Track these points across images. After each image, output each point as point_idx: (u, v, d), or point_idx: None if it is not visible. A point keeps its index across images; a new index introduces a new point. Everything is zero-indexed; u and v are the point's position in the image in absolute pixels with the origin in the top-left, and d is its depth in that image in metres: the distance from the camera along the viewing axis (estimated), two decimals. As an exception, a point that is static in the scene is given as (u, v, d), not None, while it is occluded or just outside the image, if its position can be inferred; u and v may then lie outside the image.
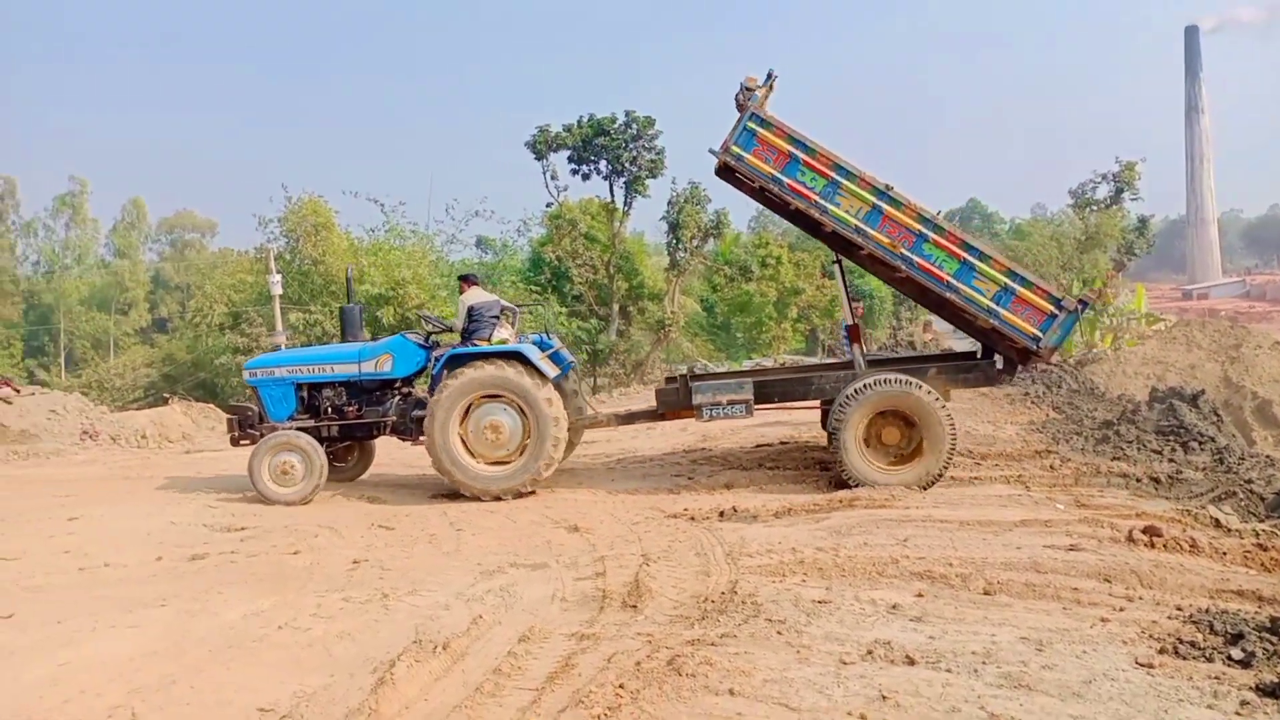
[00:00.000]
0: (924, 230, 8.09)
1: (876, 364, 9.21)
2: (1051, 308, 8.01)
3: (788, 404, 9.19)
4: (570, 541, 6.88)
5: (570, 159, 26.58)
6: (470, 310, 9.06)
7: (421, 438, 8.81)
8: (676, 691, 3.80)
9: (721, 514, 7.37)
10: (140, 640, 4.96)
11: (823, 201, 8.18)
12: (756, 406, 8.68)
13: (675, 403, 8.89)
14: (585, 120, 25.85)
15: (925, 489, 7.89)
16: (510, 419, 8.63)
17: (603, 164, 26.14)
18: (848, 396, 8.10)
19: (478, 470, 8.62)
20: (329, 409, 9.36)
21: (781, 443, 10.69)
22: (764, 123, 8.19)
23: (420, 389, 9.75)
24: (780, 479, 8.77)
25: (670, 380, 10.11)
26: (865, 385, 8.08)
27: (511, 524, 7.60)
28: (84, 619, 5.40)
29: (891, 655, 4.17)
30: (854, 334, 9.12)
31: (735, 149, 8.28)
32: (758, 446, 10.56)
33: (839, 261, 9.24)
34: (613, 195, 27.09)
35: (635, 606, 5.13)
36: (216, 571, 6.41)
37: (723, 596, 5.19)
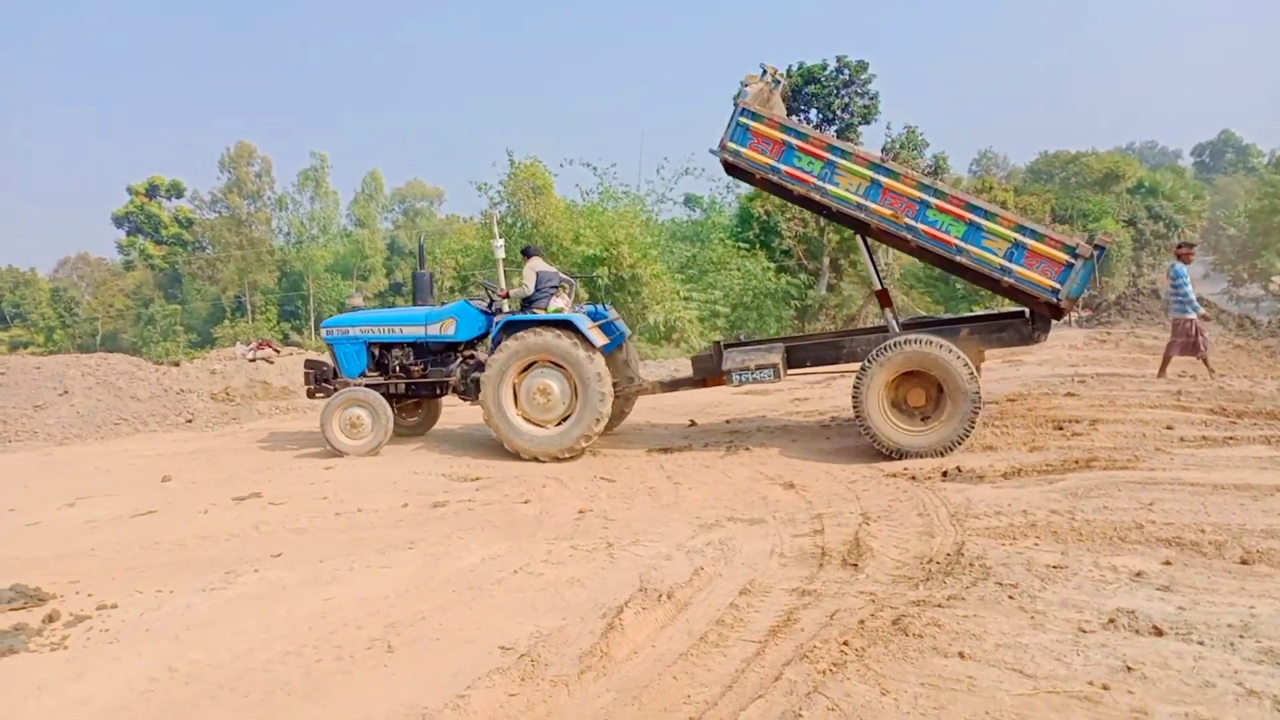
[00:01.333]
0: (925, 197, 8.07)
1: (910, 327, 9.10)
2: (1067, 257, 7.84)
3: (820, 368, 9.33)
4: (786, 498, 6.88)
5: (779, 110, 26.11)
6: (539, 275, 9.62)
7: (479, 399, 9.31)
8: (903, 651, 3.74)
9: (944, 474, 7.13)
10: (393, 580, 5.41)
11: (822, 183, 8.29)
12: (790, 371, 8.93)
13: (710, 369, 9.15)
14: (794, 69, 25.32)
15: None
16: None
17: (813, 113, 25.61)
18: (870, 359, 8.16)
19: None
20: (397, 368, 10.16)
21: (1009, 399, 10.17)
22: (755, 115, 8.38)
23: (482, 352, 10.33)
24: (1008, 438, 8.35)
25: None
26: (886, 346, 8.11)
27: (726, 479, 7.69)
28: (343, 559, 5.95)
29: (1136, 625, 3.91)
30: (883, 299, 9.05)
31: (732, 145, 8.50)
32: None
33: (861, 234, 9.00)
34: (823, 145, 26.39)
35: (856, 565, 5.08)
36: (456, 518, 6.89)
37: (948, 558, 5.04)
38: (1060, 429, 8.34)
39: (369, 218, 56.14)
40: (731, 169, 8.97)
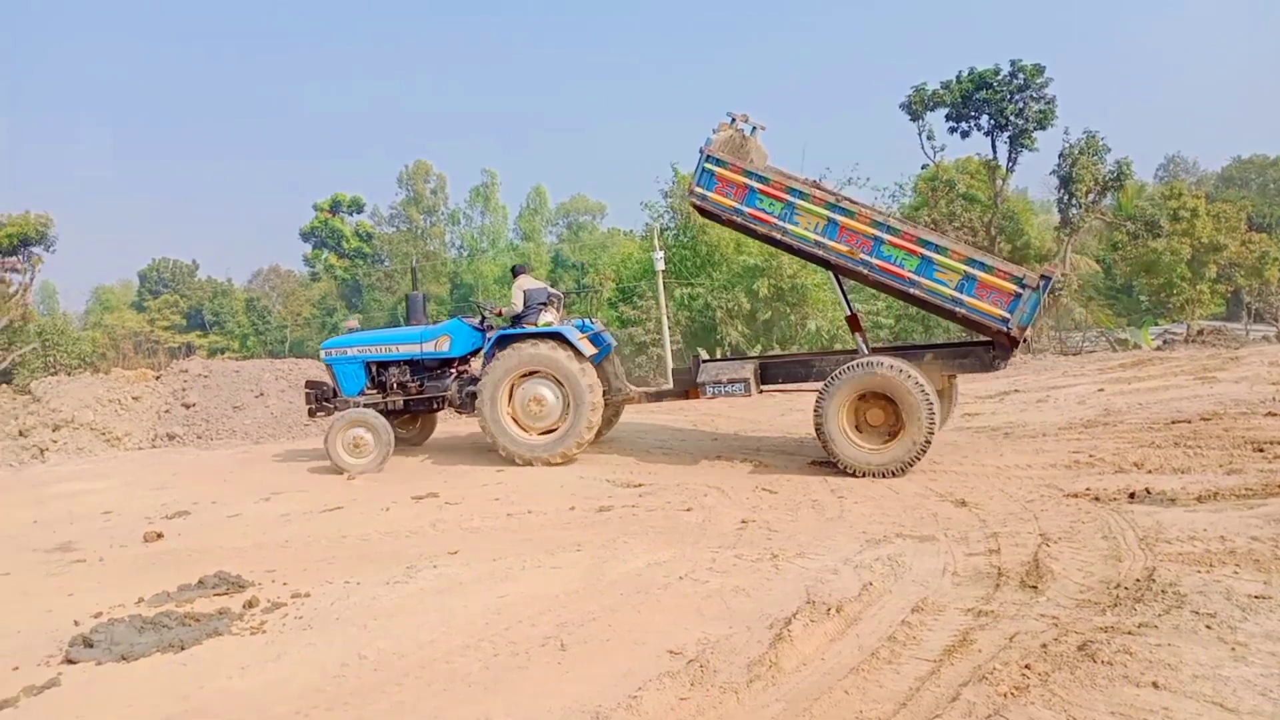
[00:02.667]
0: (879, 234, 8.35)
1: (879, 351, 9.31)
2: (1015, 287, 7.99)
3: (791, 386, 9.74)
4: (958, 516, 6.65)
5: (948, 117, 25.36)
6: (526, 294, 10.02)
7: (474, 411, 9.75)
8: (1091, 678, 3.56)
9: (1132, 495, 6.72)
10: (562, 580, 5.56)
11: (782, 223, 8.66)
12: (763, 388, 9.42)
13: (689, 381, 9.62)
14: (965, 75, 24.50)
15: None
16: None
17: (984, 119, 24.66)
18: (831, 378, 8.49)
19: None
20: (394, 385, 10.54)
21: (1202, 418, 9.49)
22: (719, 162, 8.82)
23: (475, 367, 10.76)
24: (1201, 459, 7.78)
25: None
26: (848, 368, 8.46)
27: (894, 495, 7.50)
28: (514, 558, 6.17)
29: (1355, 664, 3.59)
30: (853, 323, 9.33)
31: (699, 190, 8.97)
32: (1173, 423, 9.45)
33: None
34: (995, 152, 25.50)
35: (1035, 587, 4.86)
36: (620, 522, 7.02)
37: (1138, 584, 4.75)
38: (1260, 451, 7.72)
39: (534, 231, 57.82)
40: (702, 211, 9.55)
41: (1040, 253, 25.91)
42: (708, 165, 8.90)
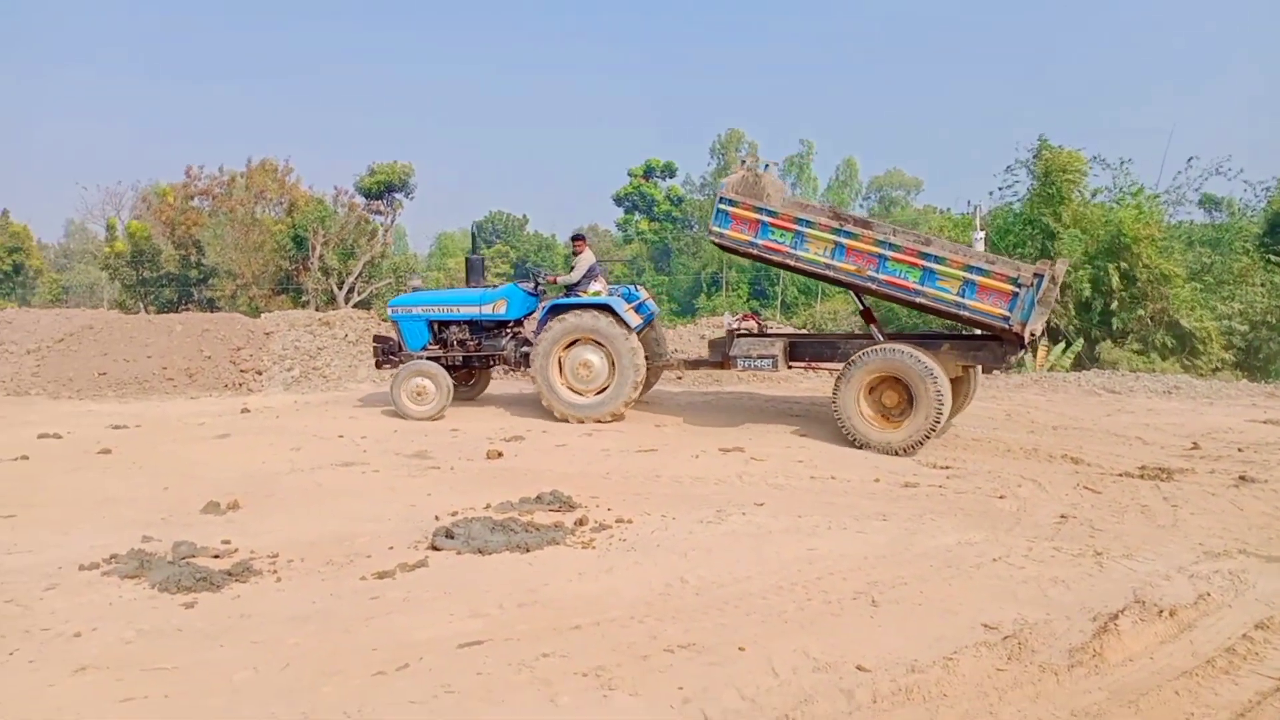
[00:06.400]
0: (883, 252, 9.02)
1: (895, 338, 9.94)
2: (1012, 287, 8.50)
3: (816, 364, 10.63)
4: (1318, 543, 5.99)
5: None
6: (589, 269, 11.07)
7: (527, 369, 10.92)
8: None
9: None
10: (869, 544, 5.68)
11: (794, 250, 9.43)
12: (791, 364, 10.26)
13: (724, 353, 10.46)
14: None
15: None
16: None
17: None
18: (850, 362, 9.26)
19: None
20: (454, 342, 11.57)
21: None
22: (732, 202, 9.65)
23: (528, 329, 11.82)
24: None
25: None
26: (867, 351, 9.20)
27: (1236, 510, 6.85)
28: (820, 517, 6.36)
29: None
30: (867, 316, 10.13)
31: (716, 229, 9.87)
32: None
33: None
34: None
35: None
36: (927, 500, 6.98)
37: None
38: None
39: (841, 204, 57.13)
40: (723, 247, 10.48)
41: None
42: (721, 206, 9.79)
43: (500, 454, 8.68)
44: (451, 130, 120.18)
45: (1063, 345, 18.89)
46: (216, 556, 5.44)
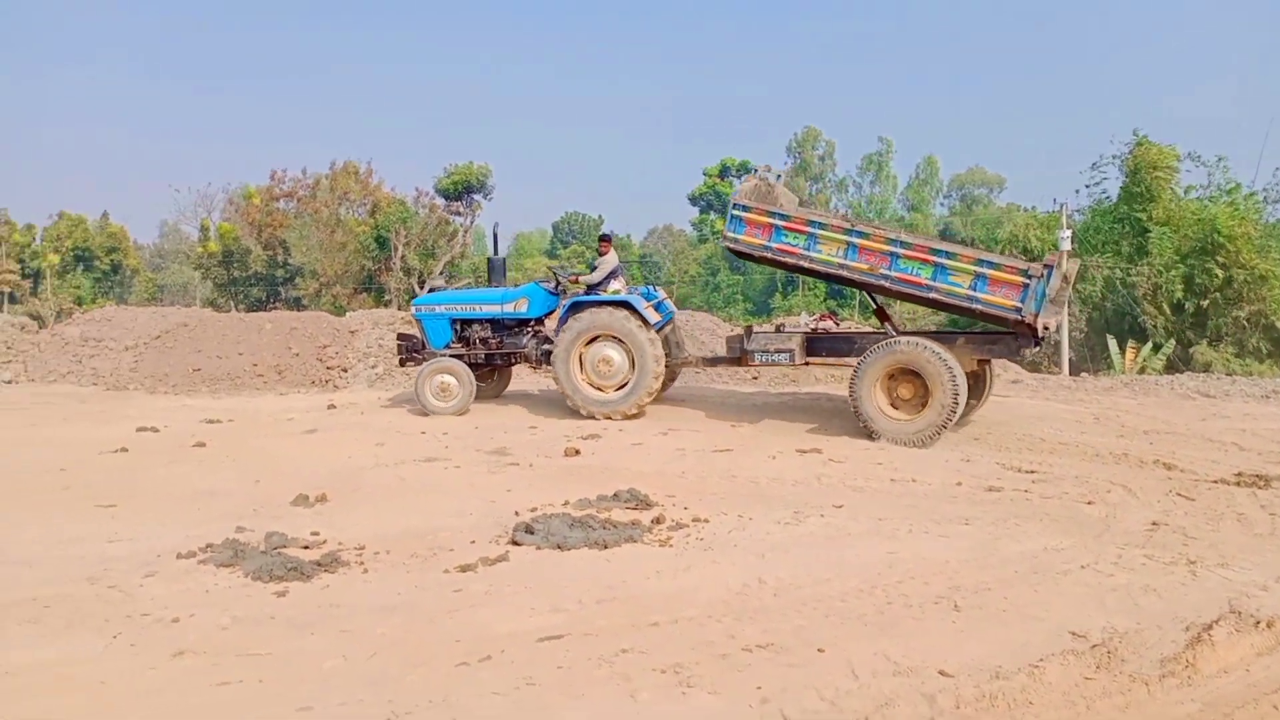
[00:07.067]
0: (895, 250, 9.26)
1: (910, 334, 10.25)
2: (1022, 279, 8.68)
3: (833, 360, 10.71)
4: None
5: None
6: (612, 270, 11.30)
7: (548, 366, 11.09)
8: None
9: None
10: (951, 548, 5.58)
11: (807, 252, 9.65)
12: (809, 360, 10.44)
13: (741, 349, 10.60)
14: None
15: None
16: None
17: None
18: (868, 354, 9.45)
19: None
20: (476, 340, 11.72)
21: None
22: (745, 208, 9.90)
23: (548, 327, 11.88)
24: None
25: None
26: (883, 345, 9.45)
27: (1344, 522, 6.57)
28: (899, 521, 6.27)
29: None
30: (881, 314, 10.52)
31: (731, 235, 10.10)
32: None
33: None
34: None
35: None
36: (1011, 504, 6.84)
37: None
38: None
39: (921, 202, 56.18)
40: (736, 253, 10.73)
41: None
42: (735, 212, 10.02)
43: (578, 451, 8.77)
44: (527, 132, 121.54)
45: (1152, 346, 18.26)
46: (306, 547, 5.61)
